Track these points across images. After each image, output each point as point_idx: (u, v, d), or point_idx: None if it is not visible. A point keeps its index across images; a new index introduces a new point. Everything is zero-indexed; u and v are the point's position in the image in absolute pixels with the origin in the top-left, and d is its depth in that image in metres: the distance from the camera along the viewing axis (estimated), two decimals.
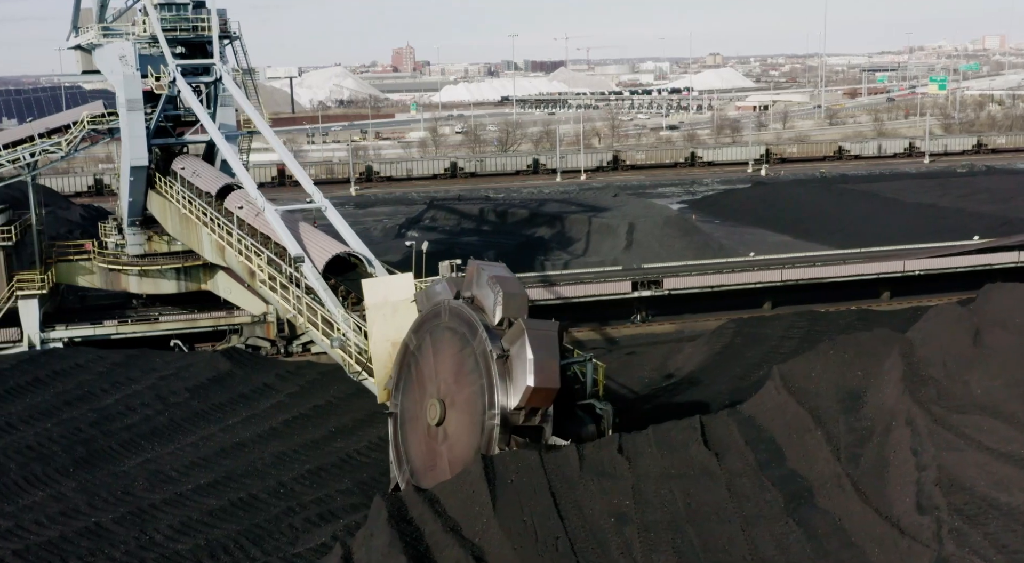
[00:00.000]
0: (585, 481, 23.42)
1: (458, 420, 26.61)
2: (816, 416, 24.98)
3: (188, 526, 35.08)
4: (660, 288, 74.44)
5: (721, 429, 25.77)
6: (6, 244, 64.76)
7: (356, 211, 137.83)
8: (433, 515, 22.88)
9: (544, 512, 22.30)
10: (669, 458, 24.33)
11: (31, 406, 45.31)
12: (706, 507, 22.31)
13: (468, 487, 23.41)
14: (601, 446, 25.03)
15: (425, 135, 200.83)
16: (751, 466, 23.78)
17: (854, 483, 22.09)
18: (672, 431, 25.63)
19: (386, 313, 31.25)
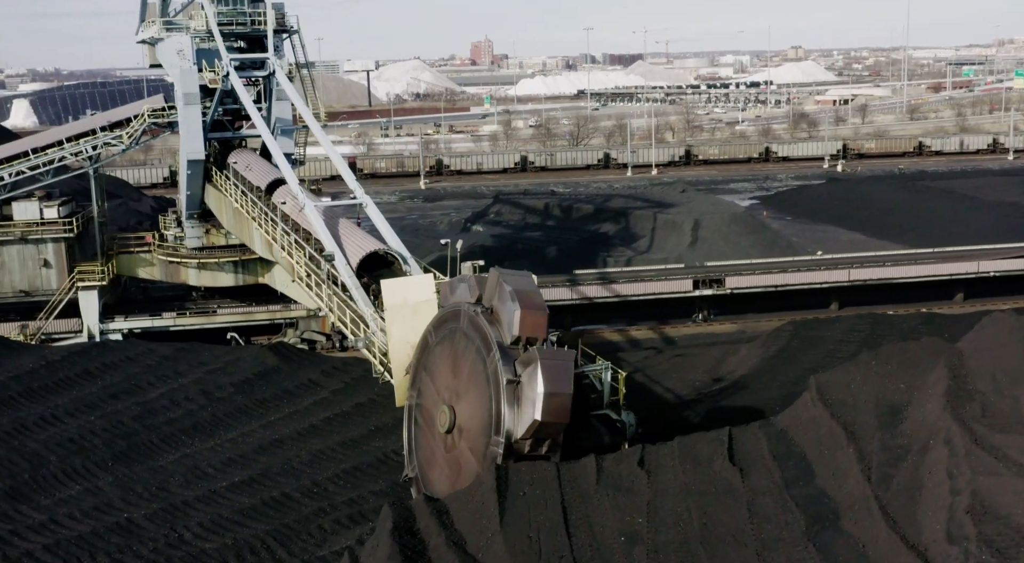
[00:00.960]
0: (600, 495, 22.38)
1: (466, 433, 25.75)
2: (850, 431, 23.59)
3: (218, 524, 34.78)
4: (722, 287, 72.77)
5: (750, 442, 24.48)
6: (68, 236, 65.59)
7: (424, 204, 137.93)
8: (439, 527, 22.05)
9: (552, 528, 21.32)
10: (691, 473, 23.16)
11: (77, 398, 45.54)
12: (722, 528, 21.11)
13: (478, 499, 22.54)
14: (621, 459, 23.95)
15: (497, 129, 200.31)
16: (776, 484, 22.50)
17: (882, 506, 20.69)
18: (698, 444, 24.42)
19: (405, 314, 30.51)
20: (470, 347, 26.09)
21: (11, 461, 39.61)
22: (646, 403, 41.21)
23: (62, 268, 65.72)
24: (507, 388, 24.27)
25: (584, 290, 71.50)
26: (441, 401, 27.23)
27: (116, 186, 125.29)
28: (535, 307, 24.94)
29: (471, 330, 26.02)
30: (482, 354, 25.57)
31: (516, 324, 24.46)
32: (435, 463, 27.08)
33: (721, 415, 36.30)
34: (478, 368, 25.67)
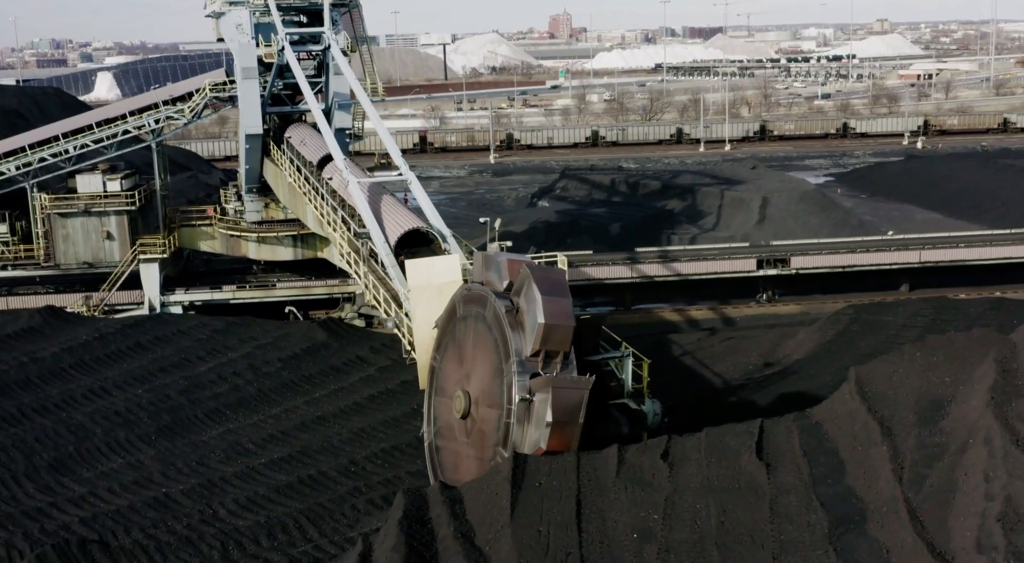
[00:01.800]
0: (617, 489, 21.53)
1: (478, 426, 25.04)
2: (886, 427, 22.36)
3: (253, 501, 34.69)
4: (787, 267, 71.01)
5: (781, 436, 23.39)
6: (130, 208, 66.20)
7: (493, 179, 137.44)
8: (450, 518, 21.43)
9: (563, 522, 20.55)
10: (716, 467, 22.17)
11: (127, 371, 45.93)
12: (741, 528, 20.13)
13: (492, 489, 21.86)
14: (644, 450, 23.04)
15: (570, 103, 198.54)
16: (803, 482, 21.41)
17: (912, 509, 19.52)
18: (726, 436, 23.40)
19: (430, 296, 29.83)
20: (491, 343, 25.23)
21: (57, 433, 40.06)
22: (690, 389, 40.20)
23: (124, 240, 66.37)
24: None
25: (645, 268, 70.34)
26: (458, 383, 26.58)
27: (187, 158, 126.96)
28: (560, 318, 23.73)
29: (495, 325, 25.14)
30: (500, 357, 24.77)
31: (538, 337, 23.46)
32: (450, 443, 26.47)
33: (764, 403, 35.13)
34: (496, 371, 24.92)
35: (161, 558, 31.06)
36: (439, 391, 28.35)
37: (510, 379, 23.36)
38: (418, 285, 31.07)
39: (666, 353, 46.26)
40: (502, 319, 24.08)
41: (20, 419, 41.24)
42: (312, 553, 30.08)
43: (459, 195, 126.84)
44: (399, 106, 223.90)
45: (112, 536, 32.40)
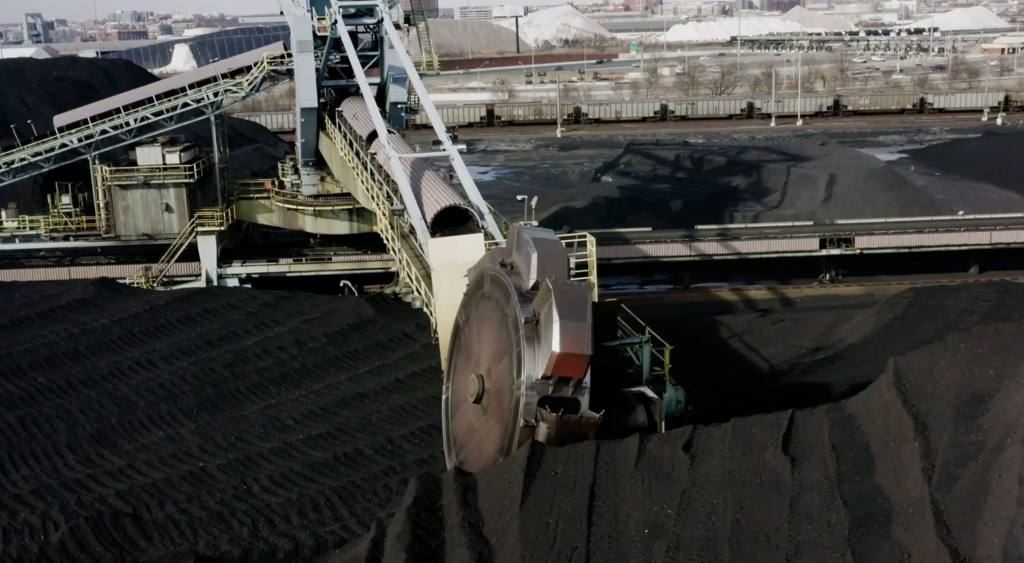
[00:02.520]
0: (633, 481, 20.77)
1: (493, 395, 24.41)
2: (921, 422, 21.24)
3: (287, 478, 34.60)
4: (851, 246, 69.36)
5: (812, 429, 22.38)
6: (189, 181, 66.67)
7: (559, 153, 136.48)
8: (459, 506, 20.90)
9: (574, 515, 19.86)
10: (739, 460, 21.29)
11: (174, 344, 46.18)
12: (757, 526, 19.26)
13: (505, 477, 21.26)
14: (666, 440, 22.22)
15: (640, 77, 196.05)
16: (829, 479, 20.43)
17: (938, 511, 18.47)
18: (754, 427, 22.46)
19: (453, 276, 29.25)
20: (493, 308, 24.69)
21: (101, 405, 40.41)
22: (732, 374, 39.12)
23: (183, 213, 66.91)
24: (526, 328, 22.99)
25: (703, 246, 69.15)
26: (475, 363, 26.04)
27: (254, 131, 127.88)
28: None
29: (493, 289, 24.64)
30: (503, 307, 24.29)
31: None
32: (469, 434, 25.92)
33: (807, 391, 33.96)
34: (501, 325, 24.39)
35: (192, 533, 31.08)
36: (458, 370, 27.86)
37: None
38: (441, 264, 30.55)
39: (714, 335, 45.18)
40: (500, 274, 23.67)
41: (67, 390, 41.70)
42: (339, 532, 29.84)
43: (523, 169, 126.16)
44: (468, 79, 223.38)
45: (146, 510, 32.55)
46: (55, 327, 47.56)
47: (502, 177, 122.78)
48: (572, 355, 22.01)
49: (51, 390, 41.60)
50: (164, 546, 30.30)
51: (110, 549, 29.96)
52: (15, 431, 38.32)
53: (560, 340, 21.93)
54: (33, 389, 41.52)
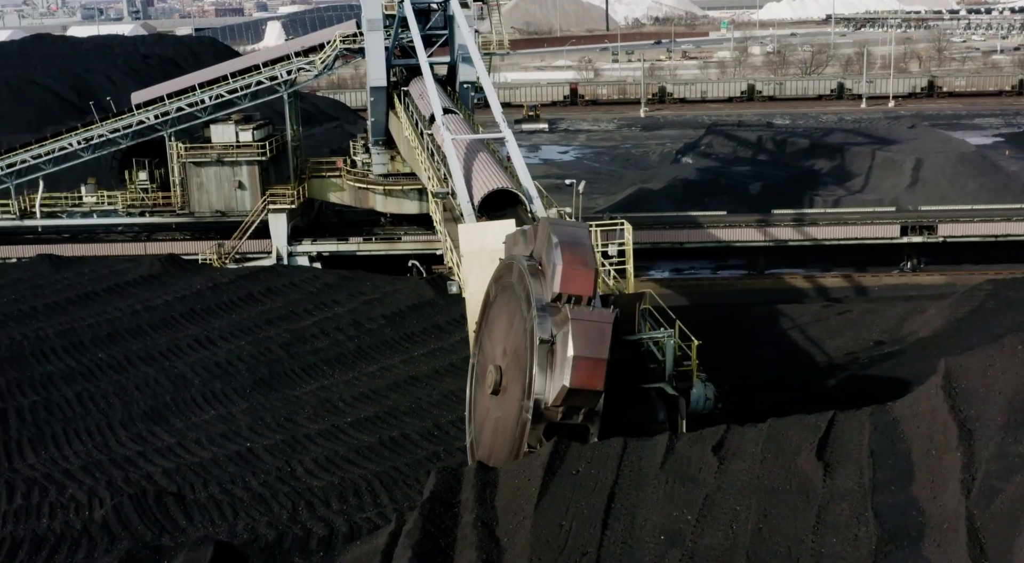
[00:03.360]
0: (656, 483, 19.91)
1: (508, 396, 23.69)
2: (967, 430, 19.97)
3: (331, 461, 34.44)
4: (933, 234, 66.88)
5: (851, 433, 21.23)
6: (261, 159, 67.11)
7: (641, 133, 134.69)
8: (475, 503, 20.28)
9: (589, 517, 19.10)
10: (770, 465, 20.27)
11: (233, 322, 46.48)
12: (779, 536, 18.27)
13: (525, 475, 20.58)
14: (696, 441, 21.28)
15: (728, 55, 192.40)
16: (863, 488, 19.31)
17: (974, 528, 17.28)
18: (790, 429, 21.40)
19: (483, 262, 28.49)
20: (516, 304, 23.92)
21: (157, 382, 40.82)
22: (785, 368, 37.75)
23: (255, 190, 67.40)
24: (540, 348, 22.10)
25: (778, 232, 67.37)
26: (491, 360, 25.33)
27: (335, 108, 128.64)
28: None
29: (518, 285, 23.86)
30: (523, 312, 23.45)
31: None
32: (486, 426, 25.28)
33: (861, 390, 32.57)
34: (520, 327, 23.59)
35: (232, 514, 31.11)
36: (480, 364, 27.29)
37: (531, 324, 22.08)
38: (471, 251, 29.89)
39: (776, 325, 43.77)
40: (525, 273, 22.82)
41: (125, 367, 42.24)
42: (374, 520, 29.53)
43: (604, 149, 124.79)
44: (555, 57, 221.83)
45: (190, 489, 32.70)
46: (119, 303, 48.23)
47: (582, 157, 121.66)
48: (583, 391, 21.19)
49: (110, 366, 42.17)
50: (204, 526, 30.35)
51: (151, 528, 30.11)
52: (72, 406, 38.91)
53: (572, 375, 21.06)
54: (93, 365, 42.14)
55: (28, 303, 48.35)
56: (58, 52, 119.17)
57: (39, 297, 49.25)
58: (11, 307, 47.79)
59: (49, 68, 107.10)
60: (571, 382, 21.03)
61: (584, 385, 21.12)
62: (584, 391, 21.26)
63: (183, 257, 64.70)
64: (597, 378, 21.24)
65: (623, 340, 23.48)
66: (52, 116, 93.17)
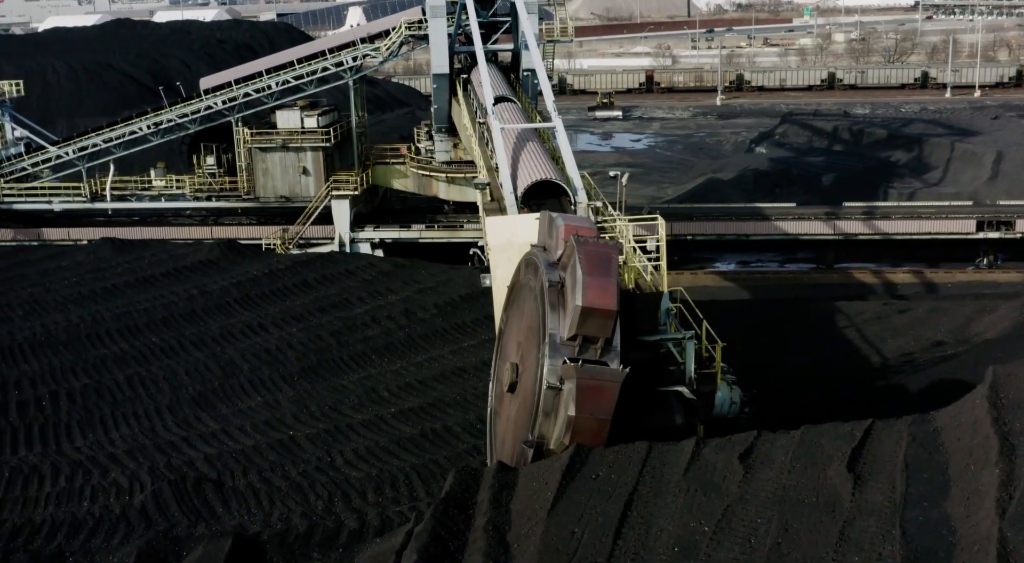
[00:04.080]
0: (676, 491, 19.18)
1: (520, 404, 23.04)
2: (1009, 444, 18.87)
3: (371, 453, 34.22)
4: (1011, 230, 64.46)
5: (889, 443, 20.23)
6: (325, 145, 67.31)
7: (716, 122, 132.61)
8: (490, 505, 19.74)
9: (603, 525, 18.45)
10: (798, 475, 19.40)
11: (287, 309, 46.57)
12: (797, 552, 17.41)
13: (543, 478, 19.99)
14: (724, 447, 20.47)
15: (810, 43, 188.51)
16: (893, 502, 18.35)
17: (1005, 552, 16.25)
18: (824, 438, 20.47)
19: (511, 256, 27.84)
20: (536, 317, 23.12)
21: (207, 367, 41.04)
22: (842, 368, 36.44)
23: (319, 176, 67.66)
24: (550, 292, 21.56)
25: (847, 225, 65.61)
26: (508, 358, 24.73)
27: (407, 94, 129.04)
28: (601, 302, 21.17)
29: (541, 299, 23.04)
30: (533, 286, 22.98)
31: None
32: (505, 425, 24.68)
33: (911, 396, 31.31)
34: (532, 307, 23.05)
35: (268, 503, 31.05)
36: (500, 358, 26.74)
37: (542, 363, 21.32)
38: (499, 244, 29.30)
39: (834, 323, 42.42)
40: (547, 294, 22.06)
41: (177, 351, 42.58)
42: (406, 514, 29.16)
43: (677, 138, 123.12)
44: (633, 44, 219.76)
45: (230, 476, 32.72)
46: (176, 287, 48.68)
47: (654, 145, 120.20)
48: (596, 309, 20.44)
49: (162, 350, 42.54)
50: (240, 515, 30.34)
51: (187, 514, 30.18)
52: (122, 390, 39.32)
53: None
54: (146, 348, 42.56)
55: (88, 286, 49.07)
56: (137, 37, 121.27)
57: (99, 280, 49.96)
58: (71, 290, 48.56)
59: (127, 53, 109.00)
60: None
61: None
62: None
63: (247, 242, 65.39)
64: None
65: (641, 341, 22.74)
66: (128, 100, 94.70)
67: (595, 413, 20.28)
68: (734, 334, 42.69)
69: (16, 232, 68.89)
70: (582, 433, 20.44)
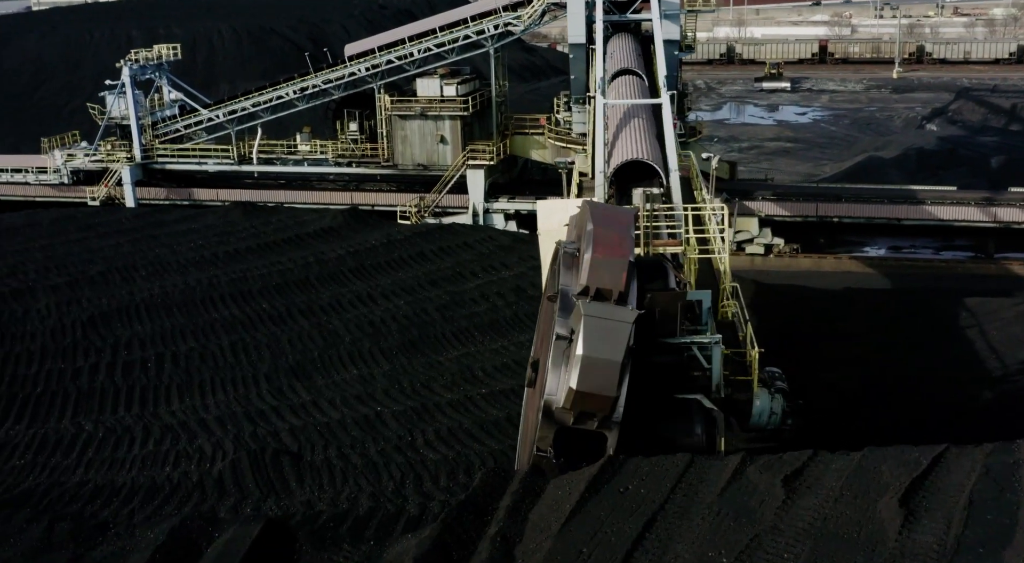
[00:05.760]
0: (706, 513, 17.55)
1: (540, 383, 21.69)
2: None
3: (454, 434, 33.35)
4: None
5: (958, 475, 18.03)
6: (464, 114, 66.85)
7: (890, 96, 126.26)
8: (507, 513, 18.58)
9: (613, 546, 17.02)
10: (846, 504, 17.46)
11: (398, 281, 46.28)
12: None
13: (567, 487, 18.73)
14: (771, 466, 18.68)
15: (1002, 12, 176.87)
16: (944, 546, 16.22)
17: None
18: (886, 463, 18.42)
19: None
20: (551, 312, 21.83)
21: (310, 337, 41.12)
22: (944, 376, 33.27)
23: (456, 145, 67.35)
24: (556, 345, 20.09)
25: (1011, 213, 61.00)
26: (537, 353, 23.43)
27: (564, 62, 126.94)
28: (611, 254, 19.93)
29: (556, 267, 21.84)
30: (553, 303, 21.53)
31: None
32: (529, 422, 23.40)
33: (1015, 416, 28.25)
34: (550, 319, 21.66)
35: (341, 481, 30.70)
36: None
37: (553, 319, 20.16)
38: (547, 229, 27.88)
39: (960, 322, 38.99)
40: (560, 260, 20.85)
41: (285, 319, 42.82)
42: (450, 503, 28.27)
43: (846, 112, 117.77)
44: (812, 12, 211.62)
45: (309, 450, 32.55)
46: (294, 254, 49.08)
47: (820, 119, 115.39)
48: (591, 395, 19.04)
49: (270, 317, 42.88)
50: (311, 490, 30.11)
51: (260, 487, 30.15)
52: (224, 355, 39.79)
53: (579, 377, 19.00)
54: (254, 315, 42.98)
55: (211, 249, 50.03)
56: (299, 3, 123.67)
57: (223, 244, 50.89)
58: (195, 253, 49.60)
59: (289, 18, 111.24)
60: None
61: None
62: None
63: (384, 209, 65.84)
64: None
65: (662, 343, 21.15)
66: (287, 65, 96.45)
67: (605, 354, 18.92)
68: (843, 328, 40.18)
69: (169, 191, 71.46)
70: (590, 378, 19.11)
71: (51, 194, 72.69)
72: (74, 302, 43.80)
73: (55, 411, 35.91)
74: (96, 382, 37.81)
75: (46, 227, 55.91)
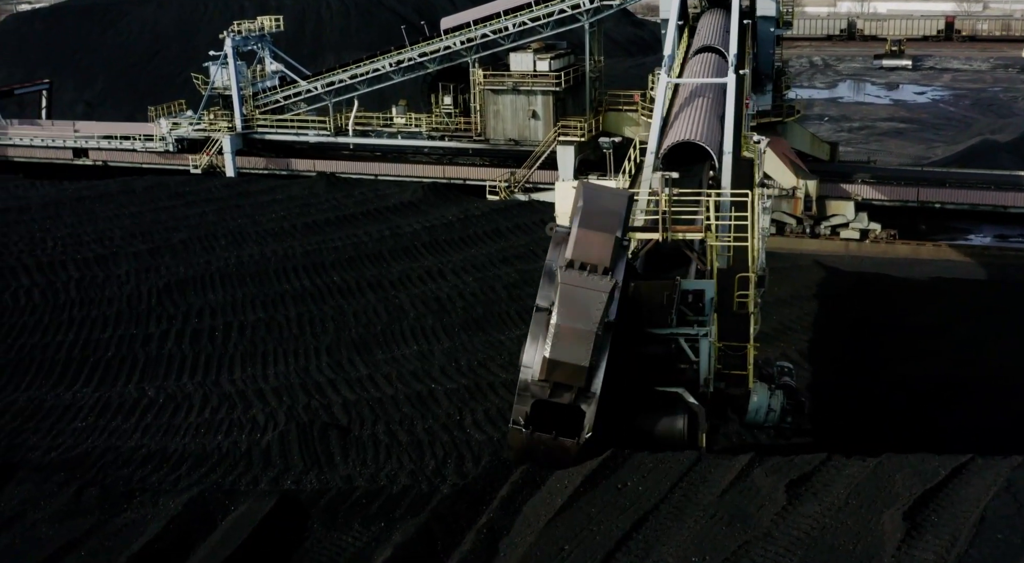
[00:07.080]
0: (700, 515, 16.86)
1: None
2: None
3: (502, 415, 32.75)
4: None
5: (977, 487, 16.95)
6: (556, 89, 66.22)
7: (1018, 76, 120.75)
8: (500, 504, 18.17)
9: (595, 546, 16.46)
10: (847, 515, 16.55)
11: (470, 257, 46.13)
12: None
13: (563, 480, 18.25)
14: (779, 469, 17.86)
15: None
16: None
17: None
18: (900, 472, 17.43)
19: None
20: None
21: (374, 311, 41.30)
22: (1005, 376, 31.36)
23: (548, 120, 66.85)
24: (536, 316, 19.68)
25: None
26: None
27: None
28: (596, 228, 19.39)
29: None
30: None
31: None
32: None
33: None
34: None
35: (385, 458, 30.77)
36: None
37: None
38: (564, 211, 27.16)
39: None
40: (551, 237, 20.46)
41: (354, 292, 43.10)
42: None
43: (968, 92, 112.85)
44: None
45: (358, 425, 32.74)
46: (371, 227, 49.34)
47: (939, 99, 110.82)
48: (564, 364, 18.53)
49: (339, 290, 43.22)
50: (353, 466, 30.26)
51: (305, 459, 30.41)
52: (290, 326, 40.27)
53: (552, 347, 18.57)
54: (324, 287, 43.38)
55: (291, 221, 50.69)
56: None
57: (303, 216, 51.50)
58: (275, 224, 50.32)
59: None
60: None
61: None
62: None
63: (475, 183, 65.81)
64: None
65: (650, 334, 20.54)
66: (393, 38, 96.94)
67: (579, 322, 18.54)
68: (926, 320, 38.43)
69: (267, 161, 72.74)
70: (562, 347, 18.77)
71: (157, 161, 74.76)
72: (153, 269, 44.93)
73: (122, 376, 36.89)
74: (164, 349, 38.70)
75: (139, 194, 57.52)
